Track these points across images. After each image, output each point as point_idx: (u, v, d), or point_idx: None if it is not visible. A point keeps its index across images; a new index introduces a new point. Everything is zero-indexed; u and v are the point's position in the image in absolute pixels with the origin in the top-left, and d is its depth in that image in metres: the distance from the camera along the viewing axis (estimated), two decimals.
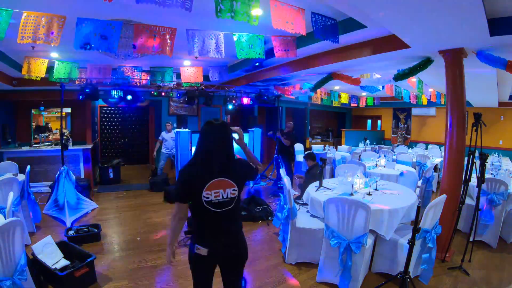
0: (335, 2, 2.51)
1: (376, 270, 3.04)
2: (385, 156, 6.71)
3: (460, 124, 3.35)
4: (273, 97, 7.68)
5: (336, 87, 7.75)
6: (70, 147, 5.99)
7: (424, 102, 8.00)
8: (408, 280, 2.48)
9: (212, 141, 1.71)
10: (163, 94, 6.36)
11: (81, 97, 5.51)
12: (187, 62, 5.35)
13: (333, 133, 13.09)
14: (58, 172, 4.74)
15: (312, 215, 3.39)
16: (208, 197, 1.66)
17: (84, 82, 5.39)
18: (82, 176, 6.54)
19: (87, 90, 5.45)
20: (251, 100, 7.49)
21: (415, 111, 11.15)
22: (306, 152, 5.25)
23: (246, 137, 7.26)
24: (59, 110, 5.76)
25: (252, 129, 7.30)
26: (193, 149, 7.03)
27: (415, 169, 6.31)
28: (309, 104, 11.38)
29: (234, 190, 1.73)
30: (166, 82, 5.80)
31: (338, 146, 10.16)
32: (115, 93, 6.08)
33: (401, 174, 4.85)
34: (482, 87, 5.67)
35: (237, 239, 1.82)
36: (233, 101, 7.14)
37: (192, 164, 1.75)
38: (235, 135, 1.89)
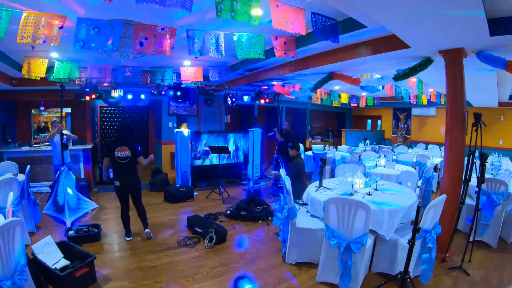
0: (335, 2, 2.51)
1: (376, 270, 3.04)
2: (385, 156, 6.71)
3: (460, 124, 3.35)
4: (272, 95, 7.68)
5: (336, 87, 7.75)
6: (70, 147, 5.98)
7: (424, 102, 8.00)
8: (408, 280, 2.48)
9: (120, 131, 3.95)
10: (163, 93, 6.36)
11: (82, 98, 5.51)
12: (187, 62, 5.35)
13: (333, 133, 13.10)
14: (58, 172, 4.73)
15: (312, 215, 3.39)
16: (116, 154, 3.71)
17: (84, 81, 5.38)
18: (82, 176, 6.54)
19: (87, 90, 5.45)
20: (251, 98, 7.48)
21: (415, 111, 11.15)
22: (292, 143, 5.29)
23: (245, 137, 7.26)
24: (59, 110, 5.76)
25: (252, 129, 7.30)
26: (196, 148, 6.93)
27: (415, 169, 6.32)
28: (309, 104, 11.38)
29: (128, 152, 3.77)
30: (166, 81, 5.80)
31: (338, 146, 10.16)
32: (115, 92, 6.06)
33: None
34: (482, 87, 5.67)
35: (131, 175, 3.88)
36: (233, 99, 7.14)
37: (112, 139, 3.62)
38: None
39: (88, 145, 6.90)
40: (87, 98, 5.68)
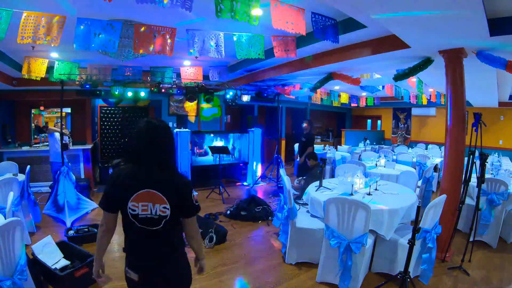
0: (335, 2, 2.50)
1: (376, 270, 3.04)
2: (385, 156, 6.71)
3: (460, 124, 3.35)
4: (272, 94, 7.69)
5: (336, 87, 7.75)
6: (70, 147, 5.98)
7: (424, 102, 7.99)
8: (408, 280, 2.48)
9: (143, 144, 1.46)
10: (163, 90, 6.36)
11: (86, 86, 5.49)
12: (187, 62, 5.35)
13: (333, 133, 13.09)
14: (58, 172, 4.73)
15: (312, 215, 3.39)
16: (134, 210, 1.42)
17: (84, 78, 5.38)
18: (82, 176, 6.53)
19: (87, 86, 5.44)
20: (250, 97, 7.49)
21: (415, 111, 11.15)
22: (307, 152, 5.22)
23: (245, 137, 7.26)
24: (59, 110, 5.76)
25: (252, 129, 7.30)
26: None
27: (415, 169, 6.32)
28: (309, 104, 11.38)
29: (164, 207, 1.42)
30: (166, 80, 5.80)
31: (338, 146, 10.16)
32: (115, 90, 6.04)
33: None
34: (482, 87, 5.67)
35: (169, 262, 1.51)
36: (233, 99, 7.14)
37: (123, 166, 1.52)
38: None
39: (88, 145, 6.90)
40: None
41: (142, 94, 6.70)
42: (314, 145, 6.49)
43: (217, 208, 5.24)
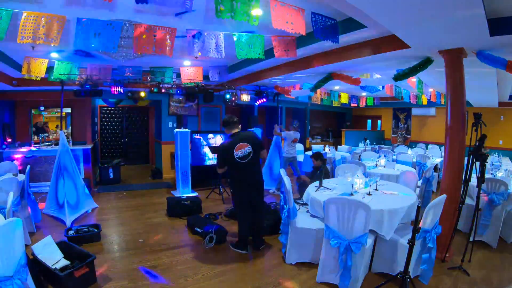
0: (335, 2, 2.50)
1: (376, 270, 3.04)
2: (385, 156, 6.71)
3: (460, 124, 3.35)
4: (272, 94, 7.68)
5: (336, 87, 7.74)
6: (70, 147, 5.98)
7: (424, 102, 7.99)
8: (408, 280, 2.48)
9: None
10: (163, 90, 6.36)
11: (82, 93, 5.49)
12: (187, 62, 5.35)
13: (333, 133, 13.09)
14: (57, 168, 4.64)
15: (312, 215, 3.39)
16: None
17: (84, 79, 5.38)
18: (82, 176, 6.53)
19: (87, 86, 5.44)
20: (251, 98, 7.49)
21: (415, 111, 11.15)
22: (314, 152, 5.22)
23: None
24: (59, 110, 5.75)
25: (252, 129, 7.29)
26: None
27: (415, 169, 6.31)
28: (309, 104, 11.38)
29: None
30: (166, 81, 5.80)
31: (338, 146, 10.16)
32: (116, 89, 6.02)
33: None
34: (482, 87, 5.67)
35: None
36: (233, 99, 7.14)
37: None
38: None
39: (88, 145, 6.90)
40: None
41: (142, 94, 6.69)
42: (313, 145, 6.47)
43: (217, 208, 5.24)
